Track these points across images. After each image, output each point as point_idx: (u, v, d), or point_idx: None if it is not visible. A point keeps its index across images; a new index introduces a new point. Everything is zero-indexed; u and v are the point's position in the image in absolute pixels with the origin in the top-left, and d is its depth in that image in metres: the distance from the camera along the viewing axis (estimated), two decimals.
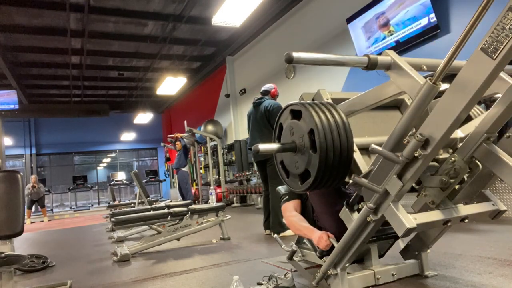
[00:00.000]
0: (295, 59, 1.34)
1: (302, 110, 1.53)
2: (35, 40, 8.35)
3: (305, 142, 1.51)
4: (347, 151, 1.47)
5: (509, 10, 1.06)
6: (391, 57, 1.47)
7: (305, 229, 2.02)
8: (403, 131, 1.37)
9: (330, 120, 1.46)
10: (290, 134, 1.61)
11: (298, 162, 1.57)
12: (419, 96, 1.30)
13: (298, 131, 1.55)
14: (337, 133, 1.45)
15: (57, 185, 15.65)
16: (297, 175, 1.59)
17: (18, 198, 1.91)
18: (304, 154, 1.52)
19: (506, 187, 3.56)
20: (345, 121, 1.49)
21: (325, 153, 1.43)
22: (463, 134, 1.60)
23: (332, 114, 1.49)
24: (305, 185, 1.55)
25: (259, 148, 1.53)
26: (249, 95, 9.46)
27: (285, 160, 1.68)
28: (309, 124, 1.48)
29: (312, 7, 7.02)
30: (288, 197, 2.29)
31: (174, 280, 2.50)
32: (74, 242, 5.32)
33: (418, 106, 1.32)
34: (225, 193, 9.38)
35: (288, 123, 1.63)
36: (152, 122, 15.26)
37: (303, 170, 1.54)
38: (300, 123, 1.54)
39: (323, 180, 1.50)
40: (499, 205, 1.65)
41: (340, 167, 1.48)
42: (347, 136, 1.46)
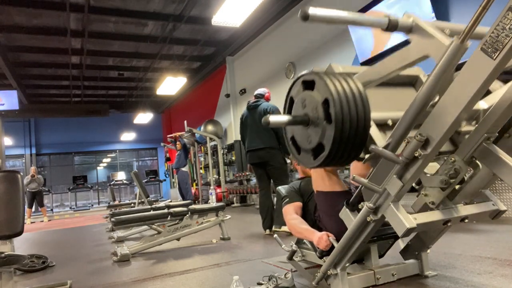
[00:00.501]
0: (311, 16, 1.26)
1: (316, 80, 1.42)
2: (35, 40, 8.35)
3: (319, 113, 1.40)
4: (364, 122, 1.35)
5: (509, 10, 1.06)
6: (413, 19, 1.37)
7: (305, 231, 2.03)
8: (427, 96, 1.28)
9: (346, 89, 1.35)
10: (302, 107, 1.50)
11: (311, 135, 1.46)
12: (446, 56, 1.20)
13: (311, 103, 1.44)
14: (353, 103, 1.34)
15: (57, 185, 15.64)
16: (310, 150, 1.48)
17: (18, 198, 1.91)
18: (317, 127, 1.41)
19: (506, 187, 3.56)
20: (362, 90, 1.37)
21: (341, 124, 1.32)
22: (487, 105, 1.51)
23: (348, 83, 1.38)
24: (318, 160, 1.45)
25: (270, 120, 1.42)
26: (249, 95, 9.45)
27: (296, 135, 1.57)
28: (324, 94, 1.37)
29: (312, 7, 7.02)
30: (288, 200, 2.29)
31: (174, 280, 2.50)
32: (74, 242, 5.32)
33: (444, 67, 1.21)
34: (225, 193, 9.38)
35: (300, 95, 1.52)
36: (152, 122, 15.26)
37: (317, 143, 1.43)
38: (313, 93, 1.43)
39: (338, 154, 1.38)
40: (499, 205, 1.65)
41: (356, 139, 1.36)
42: (364, 106, 1.35)
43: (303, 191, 2.34)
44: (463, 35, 1.17)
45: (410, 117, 1.34)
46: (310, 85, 1.46)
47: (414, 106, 1.32)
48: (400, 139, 1.40)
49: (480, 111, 1.52)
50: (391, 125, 1.52)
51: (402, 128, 1.38)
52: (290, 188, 2.39)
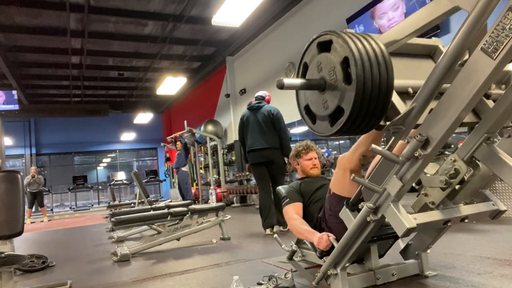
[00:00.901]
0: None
1: (333, 39, 1.33)
2: (35, 40, 8.35)
3: (337, 74, 1.31)
4: (386, 83, 1.25)
5: (509, 10, 1.06)
6: None
7: (306, 232, 2.03)
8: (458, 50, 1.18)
9: (367, 48, 1.26)
10: (317, 70, 1.40)
11: (328, 100, 1.36)
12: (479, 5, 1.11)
13: (328, 65, 1.35)
14: (376, 62, 1.24)
15: (57, 185, 15.64)
16: (327, 116, 1.39)
17: (18, 198, 1.91)
18: (335, 89, 1.32)
19: (506, 187, 3.56)
20: (384, 50, 1.28)
21: (362, 83, 1.22)
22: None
23: (369, 42, 1.28)
24: (336, 126, 1.34)
25: (284, 82, 1.35)
26: (249, 95, 9.46)
27: (311, 103, 1.47)
28: (342, 53, 1.28)
29: (312, 7, 7.02)
30: (289, 200, 2.29)
31: (174, 280, 2.50)
32: (74, 242, 5.32)
33: (477, 18, 1.12)
34: (225, 193, 9.38)
35: (315, 59, 1.42)
36: (152, 122, 15.25)
37: (335, 107, 1.33)
38: (330, 54, 1.34)
39: (358, 118, 1.28)
40: (499, 205, 1.65)
41: (378, 101, 1.26)
42: (387, 66, 1.26)
43: (303, 191, 2.33)
44: None
45: (439, 72, 1.24)
46: (326, 47, 1.37)
47: (443, 62, 1.22)
48: (426, 101, 1.30)
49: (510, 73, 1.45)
50: (411, 93, 1.44)
51: (430, 86, 1.27)
52: (290, 189, 2.38)
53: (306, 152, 2.52)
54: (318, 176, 2.53)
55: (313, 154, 2.53)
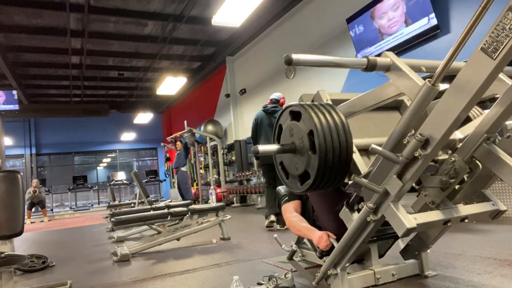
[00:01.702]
0: (295, 61, 1.34)
1: (302, 111, 1.53)
2: (35, 40, 8.35)
3: (305, 143, 1.51)
4: (346, 152, 1.47)
5: (509, 10, 1.06)
6: (390, 58, 1.47)
7: (305, 229, 2.03)
8: (402, 133, 1.38)
9: (329, 121, 1.46)
10: (289, 135, 1.61)
11: (298, 163, 1.57)
12: (418, 98, 1.30)
13: (298, 132, 1.55)
14: (336, 134, 1.45)
15: (57, 185, 15.64)
16: (297, 176, 1.59)
17: (18, 198, 1.91)
18: (303, 155, 1.52)
19: (506, 187, 3.56)
20: (345, 122, 1.49)
21: (325, 154, 1.43)
22: (462, 135, 1.60)
23: (331, 115, 1.49)
24: (304, 186, 1.56)
25: (259, 149, 1.54)
26: (249, 95, 9.46)
27: (284, 161, 1.68)
28: (309, 125, 1.48)
29: (312, 7, 7.02)
30: (288, 198, 2.30)
31: (174, 280, 2.50)
32: (74, 242, 5.32)
33: (417, 107, 1.32)
34: (225, 193, 9.38)
35: (288, 124, 1.63)
36: (152, 122, 15.26)
37: (303, 171, 1.54)
38: (300, 124, 1.54)
39: (322, 181, 1.50)
40: (499, 205, 1.65)
41: (339, 168, 1.48)
42: (347, 137, 1.47)
43: None
44: (434, 78, 1.26)
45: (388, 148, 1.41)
46: (297, 116, 1.57)
47: (391, 139, 1.41)
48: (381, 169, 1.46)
49: (456, 141, 1.60)
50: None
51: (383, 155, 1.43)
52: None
53: None
54: None
55: None
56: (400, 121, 1.38)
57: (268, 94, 8.85)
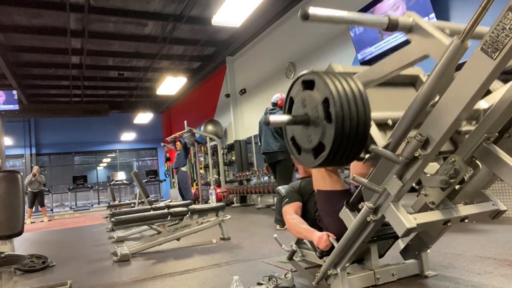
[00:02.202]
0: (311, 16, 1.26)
1: (315, 79, 1.42)
2: (35, 40, 8.34)
3: (319, 112, 1.39)
4: (364, 121, 1.34)
5: (509, 10, 1.06)
6: (413, 18, 1.38)
7: (305, 231, 2.03)
8: (427, 97, 1.28)
9: (346, 89, 1.35)
10: (302, 106, 1.49)
11: (311, 135, 1.45)
12: (447, 56, 1.20)
13: (311, 102, 1.44)
14: (354, 102, 1.33)
15: (57, 185, 15.64)
16: (310, 149, 1.47)
17: (18, 198, 1.91)
18: (317, 126, 1.41)
19: (506, 187, 3.56)
20: (362, 90, 1.37)
21: (341, 123, 1.32)
22: (487, 105, 1.51)
23: (348, 83, 1.38)
24: (318, 160, 1.44)
25: (270, 119, 1.43)
26: (249, 95, 9.46)
27: (296, 136, 1.57)
28: (324, 93, 1.37)
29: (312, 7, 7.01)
30: (288, 199, 2.29)
31: (174, 280, 2.50)
32: (74, 242, 5.32)
33: (445, 67, 1.21)
34: (225, 193, 9.38)
35: (300, 95, 1.51)
36: (152, 122, 15.25)
37: (317, 143, 1.42)
38: (313, 93, 1.43)
39: (338, 153, 1.38)
40: (499, 205, 1.65)
41: (356, 138, 1.35)
42: (365, 106, 1.35)
43: (303, 191, 2.34)
44: (463, 34, 1.17)
45: (410, 117, 1.34)
46: (310, 85, 1.46)
47: (414, 106, 1.32)
48: (400, 139, 1.39)
49: (480, 111, 1.53)
50: (391, 125, 1.52)
51: (402, 128, 1.37)
52: (290, 188, 2.38)
53: None
54: None
55: None
56: (425, 84, 1.27)
57: (268, 94, 8.84)
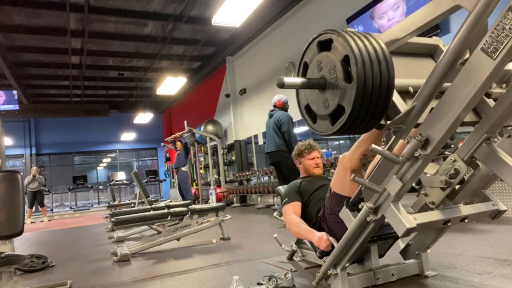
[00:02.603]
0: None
1: (334, 38, 1.33)
2: (35, 40, 8.34)
3: (338, 73, 1.30)
4: (387, 82, 1.25)
5: (509, 10, 1.06)
6: None
7: (304, 231, 2.03)
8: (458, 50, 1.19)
9: (368, 46, 1.26)
10: (317, 69, 1.40)
11: (329, 99, 1.36)
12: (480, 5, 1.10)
13: (328, 63, 1.35)
14: (376, 61, 1.24)
15: (57, 185, 15.64)
16: (327, 115, 1.38)
17: (18, 198, 1.91)
18: (336, 88, 1.31)
19: (506, 187, 3.56)
20: (385, 49, 1.28)
21: (363, 81, 1.22)
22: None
23: (369, 41, 1.28)
24: (337, 125, 1.34)
25: (285, 81, 1.34)
26: (249, 95, 9.46)
27: (311, 103, 1.47)
28: (343, 51, 1.28)
29: (312, 7, 7.02)
30: (287, 199, 2.29)
31: (174, 280, 2.50)
32: (74, 242, 5.32)
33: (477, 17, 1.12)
34: (225, 193, 9.38)
35: (315, 58, 1.42)
36: (152, 122, 15.25)
37: (335, 107, 1.33)
38: (331, 53, 1.34)
39: (359, 116, 1.28)
40: (499, 205, 1.65)
41: (379, 100, 1.26)
42: (388, 65, 1.25)
43: (303, 190, 2.33)
44: None
45: (440, 71, 1.23)
46: (327, 45, 1.37)
47: (445, 59, 1.21)
48: (427, 100, 1.29)
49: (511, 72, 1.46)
50: (412, 92, 1.44)
51: (431, 86, 1.27)
52: (290, 188, 2.38)
53: (309, 151, 2.52)
54: (320, 175, 2.52)
55: (316, 154, 2.53)
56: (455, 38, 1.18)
57: (268, 94, 8.85)
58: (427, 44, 1.71)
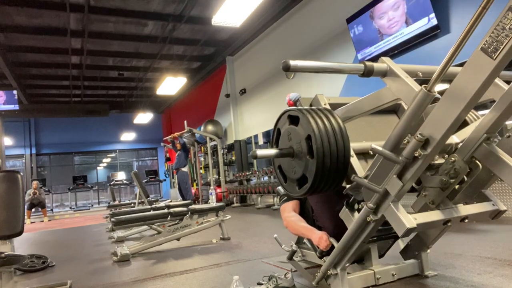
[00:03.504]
0: (292, 67, 1.36)
1: (300, 116, 1.54)
2: (35, 40, 8.34)
3: (303, 147, 1.51)
4: (343, 156, 1.47)
5: (509, 10, 1.06)
6: (387, 64, 1.48)
7: (303, 229, 2.03)
8: (399, 137, 1.39)
9: (327, 126, 1.47)
10: (287, 139, 1.61)
11: (296, 167, 1.57)
12: (414, 104, 1.31)
13: (296, 137, 1.56)
14: (334, 139, 1.45)
15: (57, 185, 15.63)
16: (295, 179, 1.60)
17: (18, 198, 1.91)
18: (301, 160, 1.53)
19: (506, 187, 3.56)
20: (342, 127, 1.50)
21: (322, 159, 1.43)
22: (459, 139, 1.60)
23: (329, 119, 1.50)
24: (302, 190, 1.56)
25: (257, 153, 1.54)
26: (249, 95, 9.46)
27: (282, 165, 1.69)
28: (307, 130, 1.49)
29: (312, 7, 7.02)
30: (286, 198, 2.30)
31: (174, 280, 2.50)
32: (74, 242, 5.32)
33: (413, 113, 1.33)
34: (225, 193, 9.38)
35: (286, 128, 1.63)
36: (152, 122, 15.26)
37: (301, 175, 1.54)
38: (298, 128, 1.55)
39: (320, 185, 1.50)
40: (499, 205, 1.65)
41: (337, 172, 1.48)
42: (344, 142, 1.47)
43: None
44: (429, 85, 1.27)
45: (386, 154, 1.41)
46: (295, 120, 1.57)
47: (389, 143, 1.42)
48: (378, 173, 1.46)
49: (452, 145, 1.60)
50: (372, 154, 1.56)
51: (378, 164, 1.46)
52: None
53: None
54: None
55: None
56: (396, 126, 1.40)
57: (268, 94, 8.86)
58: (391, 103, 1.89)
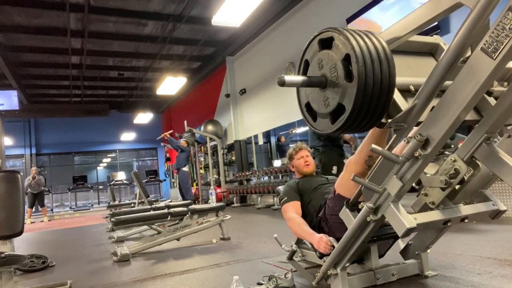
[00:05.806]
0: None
1: (335, 36, 1.31)
2: (35, 40, 8.34)
3: (339, 71, 1.29)
4: (388, 81, 1.24)
5: (509, 10, 1.06)
6: None
7: (305, 232, 2.04)
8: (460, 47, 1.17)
9: (369, 45, 1.25)
10: (318, 68, 1.39)
11: (329, 97, 1.35)
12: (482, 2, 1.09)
13: (329, 62, 1.34)
14: (377, 58, 1.23)
15: (57, 185, 15.63)
16: (328, 113, 1.37)
17: (18, 198, 1.91)
18: (337, 87, 1.31)
19: (506, 187, 3.56)
20: (386, 47, 1.26)
21: (364, 80, 1.21)
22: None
23: (370, 39, 1.27)
24: (337, 124, 1.33)
25: (285, 79, 1.32)
26: (249, 95, 9.46)
27: (311, 101, 1.46)
28: (344, 49, 1.27)
29: (312, 7, 7.02)
30: (287, 199, 2.30)
31: (174, 280, 2.50)
32: (74, 242, 5.32)
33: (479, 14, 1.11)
34: (225, 193, 9.38)
35: (316, 56, 1.41)
36: (152, 122, 15.24)
37: (336, 105, 1.32)
38: (332, 51, 1.33)
39: (359, 115, 1.27)
40: (499, 205, 1.65)
41: (379, 99, 1.24)
42: (389, 64, 1.24)
43: (301, 190, 2.34)
44: None
45: (442, 69, 1.23)
46: (328, 44, 1.36)
47: (446, 57, 1.21)
48: (428, 98, 1.28)
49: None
50: (413, 91, 1.43)
51: (432, 84, 1.27)
52: (288, 188, 2.39)
53: (297, 152, 2.58)
54: (313, 173, 2.54)
55: (304, 152, 2.56)
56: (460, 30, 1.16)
57: (268, 94, 8.86)
58: (428, 43, 1.70)
